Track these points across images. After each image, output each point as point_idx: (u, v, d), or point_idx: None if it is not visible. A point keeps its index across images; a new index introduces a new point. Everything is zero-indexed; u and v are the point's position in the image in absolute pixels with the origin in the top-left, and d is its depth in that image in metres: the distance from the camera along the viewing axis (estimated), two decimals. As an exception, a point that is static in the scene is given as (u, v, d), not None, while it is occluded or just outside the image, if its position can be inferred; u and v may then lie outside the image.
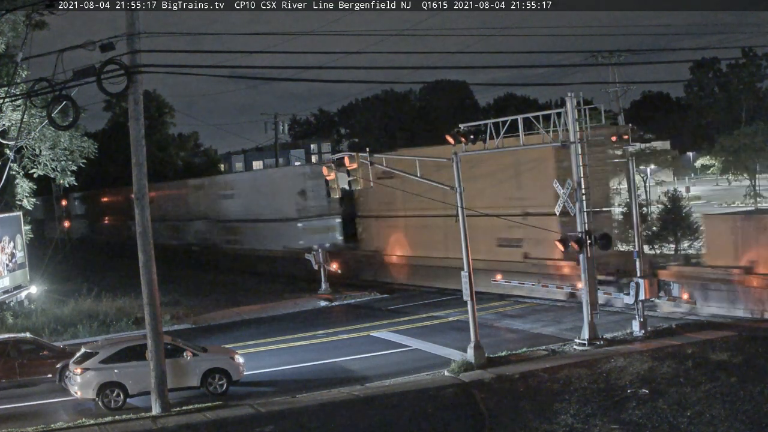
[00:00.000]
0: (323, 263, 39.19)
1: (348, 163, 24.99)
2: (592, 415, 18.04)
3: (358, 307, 36.23)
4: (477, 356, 22.77)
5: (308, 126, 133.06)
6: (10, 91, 29.53)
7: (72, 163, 35.15)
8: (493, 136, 25.78)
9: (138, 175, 20.18)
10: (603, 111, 34.62)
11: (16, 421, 20.43)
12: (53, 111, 21.74)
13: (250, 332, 31.15)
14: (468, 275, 23.36)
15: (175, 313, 34.84)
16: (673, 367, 21.05)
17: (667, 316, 27.73)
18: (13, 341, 24.04)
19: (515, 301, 33.71)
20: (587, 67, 71.99)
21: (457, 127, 25.80)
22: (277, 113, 68.64)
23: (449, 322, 30.34)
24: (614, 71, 66.95)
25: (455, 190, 23.77)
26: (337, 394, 20.98)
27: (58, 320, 32.31)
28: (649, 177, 59.87)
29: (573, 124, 24.27)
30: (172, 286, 40.39)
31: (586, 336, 24.17)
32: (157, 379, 20.11)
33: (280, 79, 33.50)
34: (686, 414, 17.59)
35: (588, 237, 24.05)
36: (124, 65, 19.36)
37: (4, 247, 34.39)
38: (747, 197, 61.07)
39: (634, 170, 27.04)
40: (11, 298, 34.97)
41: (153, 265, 20.31)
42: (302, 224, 46.45)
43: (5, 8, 30.48)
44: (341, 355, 26.12)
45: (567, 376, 21.09)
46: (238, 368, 22.53)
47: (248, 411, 19.79)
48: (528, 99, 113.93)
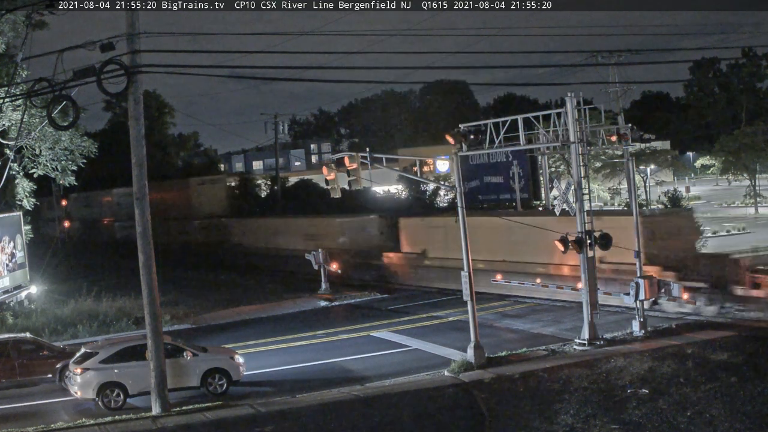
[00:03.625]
0: (323, 263, 39.19)
1: (348, 163, 24.99)
2: (592, 415, 18.05)
3: (358, 307, 36.22)
4: (477, 356, 22.76)
5: (308, 126, 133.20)
6: (10, 91, 29.50)
7: (72, 162, 35.14)
8: (493, 137, 25.79)
9: (138, 175, 20.17)
10: (603, 111, 34.69)
11: (16, 421, 20.42)
12: (53, 111, 21.73)
13: (250, 332, 31.13)
14: (468, 275, 23.35)
15: (175, 313, 34.81)
16: (673, 367, 21.05)
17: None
18: (13, 341, 23.99)
19: (515, 301, 33.70)
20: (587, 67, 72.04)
21: (457, 128, 25.82)
22: (277, 113, 68.53)
23: (449, 322, 30.34)
24: (614, 71, 67.07)
25: (455, 190, 23.77)
26: (337, 394, 20.98)
27: (58, 320, 32.27)
28: (649, 177, 59.93)
29: (573, 124, 24.26)
30: (171, 285, 40.40)
31: (586, 336, 24.17)
32: (157, 379, 20.10)
33: (280, 79, 33.56)
34: (686, 414, 17.60)
35: (588, 237, 24.05)
36: (124, 65, 19.35)
37: (4, 247, 34.39)
38: (747, 197, 61.11)
39: (634, 170, 27.00)
40: (11, 298, 34.95)
41: (153, 265, 20.30)
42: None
43: (5, 8, 30.47)
44: (341, 355, 26.12)
45: (567, 376, 21.09)
46: (238, 368, 22.52)
47: (248, 411, 19.79)
48: (528, 99, 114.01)
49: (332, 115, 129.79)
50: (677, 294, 25.50)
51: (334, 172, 25.69)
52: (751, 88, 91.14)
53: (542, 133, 26.32)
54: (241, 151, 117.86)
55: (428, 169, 45.72)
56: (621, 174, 55.56)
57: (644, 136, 26.30)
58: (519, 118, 25.69)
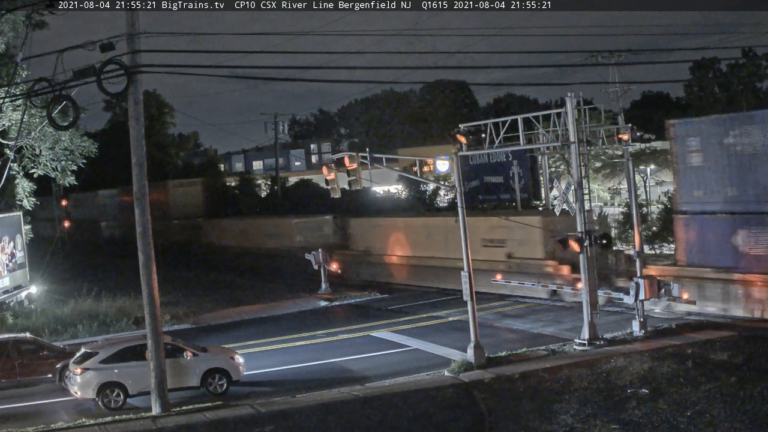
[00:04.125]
0: (323, 263, 39.20)
1: (348, 163, 24.99)
2: (592, 415, 18.05)
3: (358, 307, 36.23)
4: (477, 356, 22.77)
5: (308, 126, 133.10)
6: (10, 91, 29.50)
7: (72, 162, 35.14)
8: (493, 137, 25.79)
9: (138, 175, 20.17)
10: (603, 111, 34.68)
11: (16, 421, 20.43)
12: (53, 111, 21.72)
13: (250, 332, 31.14)
14: (468, 275, 23.36)
15: (175, 313, 34.82)
16: (673, 367, 21.04)
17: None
18: (13, 341, 24.00)
19: (515, 301, 33.72)
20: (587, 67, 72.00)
21: (457, 127, 25.82)
22: (277, 113, 68.59)
23: (449, 322, 30.34)
24: (614, 71, 66.95)
25: (455, 190, 23.77)
26: (337, 394, 20.98)
27: (58, 320, 32.29)
28: (649, 177, 59.84)
29: (573, 124, 24.26)
30: (171, 285, 40.43)
31: (586, 336, 24.17)
32: (157, 379, 20.10)
33: (280, 79, 33.42)
34: (686, 414, 17.60)
35: (587, 237, 24.06)
36: (124, 65, 19.35)
37: (4, 247, 34.39)
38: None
39: (634, 170, 27.00)
40: (11, 298, 34.96)
41: (153, 265, 20.30)
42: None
43: (5, 8, 30.47)
44: (341, 355, 26.12)
45: (567, 376, 21.10)
46: (238, 368, 22.52)
47: (248, 411, 19.79)
48: (528, 99, 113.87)
49: (332, 115, 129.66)
50: (677, 294, 25.51)
51: (334, 172, 25.70)
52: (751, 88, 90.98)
53: (542, 133, 26.31)
54: (241, 151, 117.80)
55: (428, 169, 45.72)
56: (621, 174, 55.43)
57: (644, 136, 26.31)
58: (519, 118, 25.68)
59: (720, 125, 28.52)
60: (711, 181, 28.35)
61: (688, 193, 29.40)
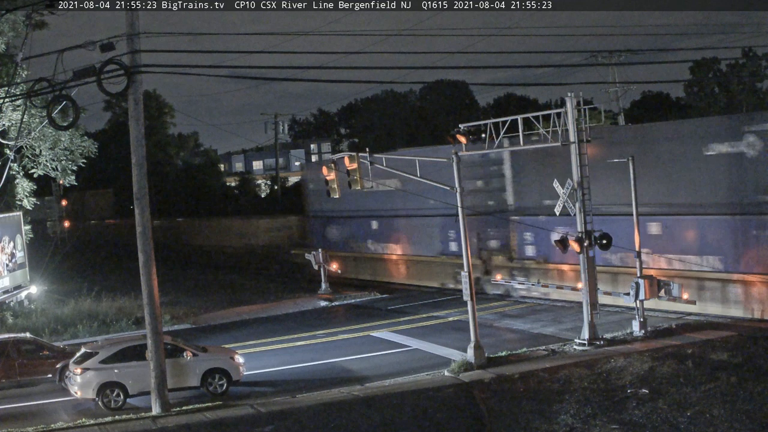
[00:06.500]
0: (323, 263, 39.21)
1: (348, 163, 24.99)
2: (592, 415, 18.05)
3: (358, 307, 36.24)
4: (477, 356, 22.77)
5: (308, 126, 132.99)
6: (10, 91, 29.50)
7: (72, 162, 35.13)
8: (493, 136, 25.79)
9: (138, 175, 20.17)
10: (603, 111, 34.68)
11: (16, 421, 20.43)
12: (53, 111, 21.73)
13: (250, 332, 31.15)
14: (468, 275, 23.35)
15: (175, 313, 34.82)
16: (673, 367, 21.04)
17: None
18: (13, 341, 24.01)
19: (515, 301, 33.72)
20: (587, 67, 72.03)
21: (457, 127, 25.81)
22: (277, 113, 68.57)
23: (449, 322, 30.35)
24: (614, 71, 66.91)
25: (455, 190, 23.76)
26: (337, 394, 20.98)
27: (58, 320, 32.31)
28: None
29: (573, 124, 24.26)
30: (171, 285, 40.45)
31: (586, 336, 24.17)
32: (157, 379, 20.10)
33: (280, 79, 33.44)
34: (686, 414, 17.60)
35: (587, 237, 24.04)
36: (124, 65, 19.36)
37: (4, 247, 34.37)
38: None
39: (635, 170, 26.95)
40: (11, 298, 34.94)
41: (153, 265, 20.30)
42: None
43: (5, 8, 30.46)
44: (341, 355, 26.12)
45: (567, 376, 21.10)
46: (238, 368, 22.52)
47: (248, 411, 19.79)
48: (528, 99, 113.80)
49: (332, 115, 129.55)
50: (677, 294, 25.50)
51: (334, 172, 25.69)
52: (751, 88, 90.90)
53: (542, 133, 26.30)
54: (241, 151, 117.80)
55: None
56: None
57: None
58: (519, 117, 25.69)
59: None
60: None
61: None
